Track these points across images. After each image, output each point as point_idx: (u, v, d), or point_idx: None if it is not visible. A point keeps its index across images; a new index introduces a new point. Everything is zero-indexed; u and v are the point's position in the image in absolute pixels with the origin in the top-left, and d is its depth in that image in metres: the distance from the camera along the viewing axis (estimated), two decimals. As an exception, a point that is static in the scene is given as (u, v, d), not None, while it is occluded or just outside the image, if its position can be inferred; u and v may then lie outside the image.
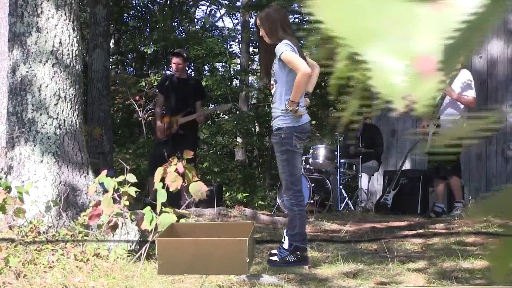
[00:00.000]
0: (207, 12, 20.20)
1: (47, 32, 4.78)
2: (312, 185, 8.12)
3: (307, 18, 15.08)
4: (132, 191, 4.19)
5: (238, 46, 18.66)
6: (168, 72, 15.11)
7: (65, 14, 4.86)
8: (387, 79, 0.48)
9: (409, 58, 0.48)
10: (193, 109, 7.24)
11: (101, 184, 4.31)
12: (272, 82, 4.16)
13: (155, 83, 13.58)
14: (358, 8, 0.49)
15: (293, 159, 4.09)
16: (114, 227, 4.19)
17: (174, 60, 7.34)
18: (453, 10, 0.48)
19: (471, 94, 6.83)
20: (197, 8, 19.48)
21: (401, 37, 0.48)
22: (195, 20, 19.42)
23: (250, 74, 17.34)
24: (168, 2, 17.98)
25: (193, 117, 7.16)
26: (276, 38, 4.09)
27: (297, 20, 16.05)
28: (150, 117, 12.92)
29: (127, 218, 4.29)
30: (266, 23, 4.12)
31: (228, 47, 18.38)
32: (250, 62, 17.22)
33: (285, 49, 3.98)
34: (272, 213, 8.04)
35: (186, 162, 4.25)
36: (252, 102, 17.37)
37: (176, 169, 4.16)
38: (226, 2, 18.38)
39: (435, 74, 0.48)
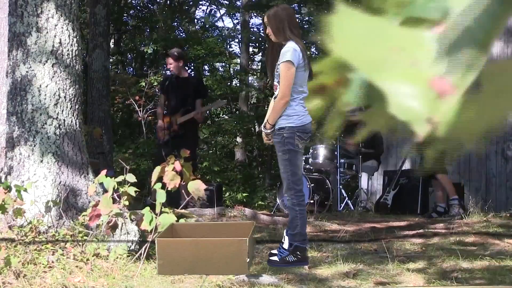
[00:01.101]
0: (207, 12, 20.20)
1: (47, 32, 4.78)
2: (312, 185, 8.11)
3: (306, 19, 15.08)
4: (132, 191, 4.18)
5: (238, 46, 18.67)
6: (168, 72, 15.12)
7: (65, 14, 4.86)
8: (405, 105, 0.47)
9: (422, 81, 0.47)
10: (193, 107, 7.24)
11: (101, 184, 4.31)
12: (275, 83, 4.13)
13: (155, 83, 13.59)
14: (365, 38, 0.49)
15: (295, 158, 4.08)
16: (113, 227, 4.19)
17: (167, 61, 7.51)
18: (452, 30, 0.48)
19: None
20: (197, 8, 19.47)
21: (409, 63, 0.47)
22: (195, 20, 19.42)
23: (250, 74, 17.34)
24: (168, 2, 17.97)
25: (191, 115, 7.15)
26: (283, 38, 4.07)
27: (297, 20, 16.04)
28: (150, 117, 12.92)
29: (126, 218, 4.28)
30: (274, 22, 4.08)
31: (228, 47, 18.39)
32: (250, 62, 17.22)
33: (288, 59, 3.96)
34: (272, 213, 8.04)
35: (184, 160, 4.25)
36: (252, 102, 17.37)
37: (174, 167, 4.16)
38: (226, 2, 18.37)
39: (452, 93, 0.47)
